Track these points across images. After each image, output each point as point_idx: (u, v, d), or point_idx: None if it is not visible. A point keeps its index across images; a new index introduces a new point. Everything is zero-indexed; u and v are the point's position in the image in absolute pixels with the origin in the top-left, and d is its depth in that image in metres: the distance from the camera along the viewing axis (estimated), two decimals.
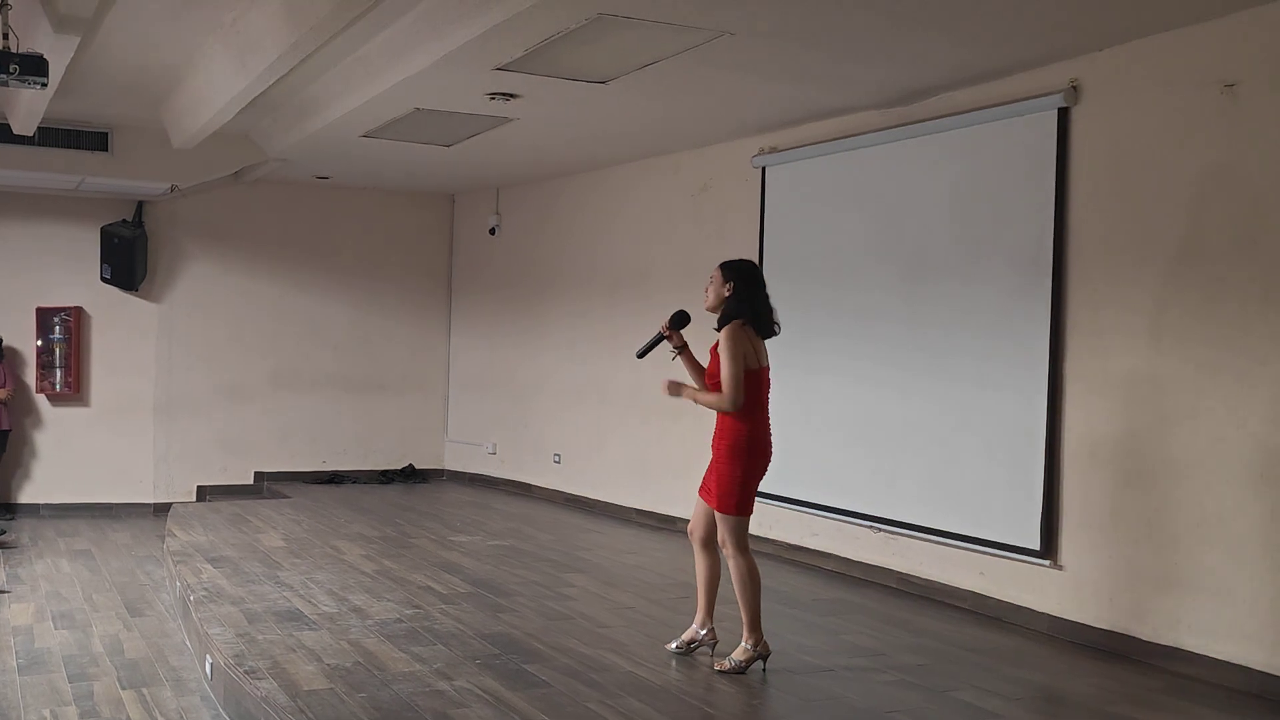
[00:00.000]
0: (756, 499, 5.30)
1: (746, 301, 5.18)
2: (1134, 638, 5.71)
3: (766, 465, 5.33)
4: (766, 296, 5.26)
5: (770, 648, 5.32)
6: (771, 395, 5.27)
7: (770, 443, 5.33)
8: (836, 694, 5.00)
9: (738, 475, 5.19)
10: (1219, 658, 5.32)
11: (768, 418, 5.31)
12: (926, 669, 5.43)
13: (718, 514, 5.30)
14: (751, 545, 4.97)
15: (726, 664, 5.23)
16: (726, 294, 5.22)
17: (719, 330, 5.21)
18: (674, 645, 5.56)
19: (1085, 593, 5.99)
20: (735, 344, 5.07)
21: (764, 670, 5.28)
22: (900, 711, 4.80)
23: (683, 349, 5.47)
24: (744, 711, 4.77)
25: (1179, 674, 5.42)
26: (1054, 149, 6.17)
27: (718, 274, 5.27)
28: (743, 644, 5.25)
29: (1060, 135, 6.15)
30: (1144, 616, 5.69)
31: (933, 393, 6.92)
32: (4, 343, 10.59)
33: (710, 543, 5.44)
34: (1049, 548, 6.16)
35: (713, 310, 5.28)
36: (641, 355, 5.55)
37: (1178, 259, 5.57)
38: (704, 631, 5.49)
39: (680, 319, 5.46)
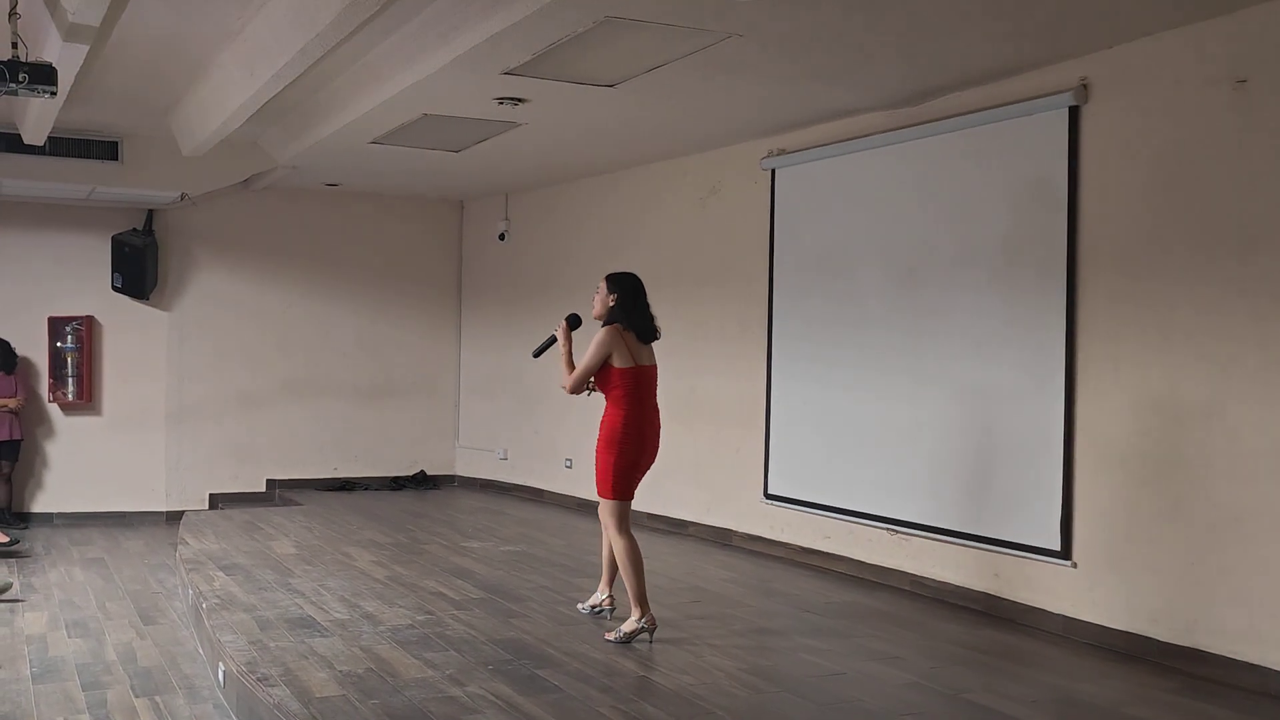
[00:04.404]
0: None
1: (626, 310, 5.82)
2: (1150, 638, 5.68)
3: (650, 456, 5.88)
4: (647, 305, 5.89)
5: (657, 621, 5.81)
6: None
7: (654, 435, 5.88)
8: (849, 697, 4.97)
9: (612, 463, 5.74)
10: (1236, 658, 5.28)
11: (653, 413, 5.88)
12: (939, 671, 5.40)
13: (599, 499, 5.86)
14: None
15: (613, 635, 5.76)
16: (611, 304, 5.86)
17: None
18: (583, 606, 6.29)
19: (1100, 594, 5.96)
20: (601, 344, 5.74)
21: (650, 643, 5.72)
22: (913, 714, 4.78)
23: (571, 345, 6.08)
24: (756, 715, 4.75)
25: (1195, 675, 5.38)
26: (1065, 148, 6.14)
27: (603, 286, 5.91)
28: (631, 618, 5.75)
29: (1071, 134, 6.13)
30: (1159, 617, 5.65)
31: (946, 394, 6.90)
32: (17, 353, 10.62)
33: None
34: (1066, 548, 6.12)
35: (600, 318, 5.92)
36: (537, 355, 6.40)
37: (1190, 256, 5.54)
38: (603, 597, 6.23)
39: (575, 321, 6.14)
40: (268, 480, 11.74)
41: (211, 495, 11.46)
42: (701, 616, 6.38)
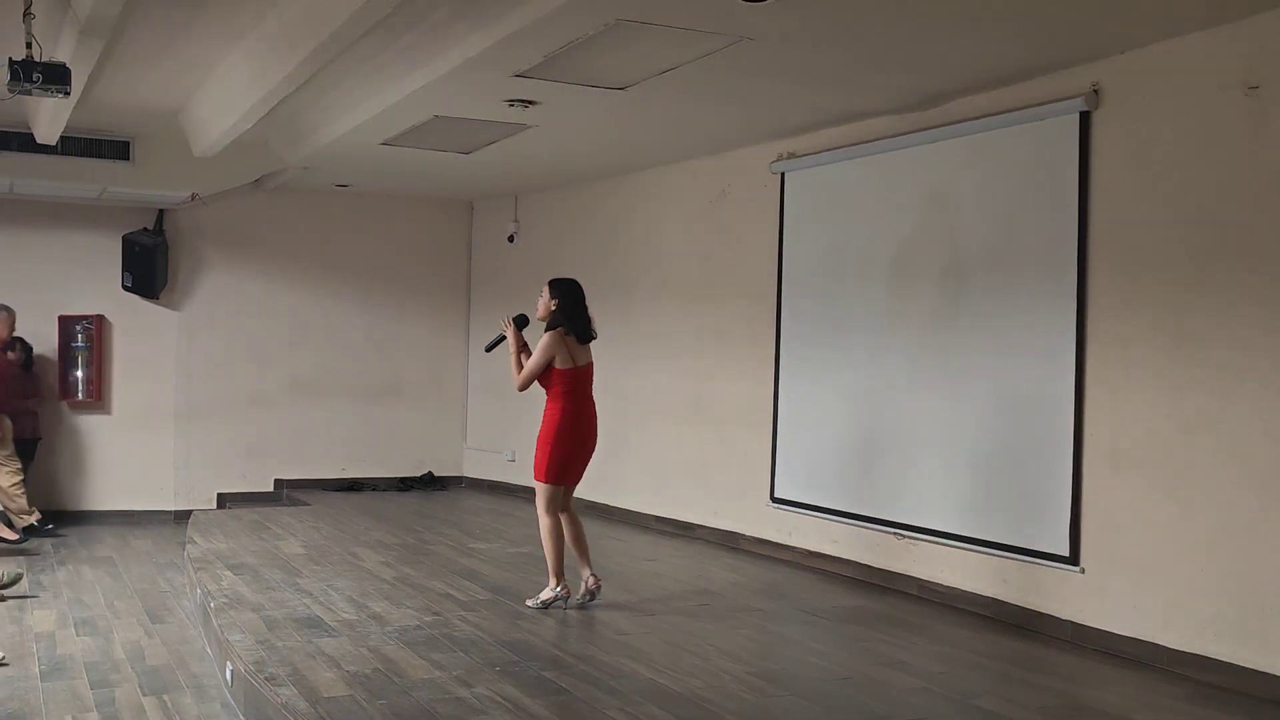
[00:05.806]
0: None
1: (567, 314, 6.34)
2: (1158, 645, 5.66)
3: (588, 447, 6.51)
4: (586, 310, 6.41)
5: (571, 591, 6.44)
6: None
7: (593, 427, 6.50)
8: (858, 702, 4.96)
9: (548, 453, 6.34)
10: (1245, 665, 5.26)
11: (589, 405, 6.48)
12: (948, 676, 5.40)
13: (535, 481, 6.45)
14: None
15: (531, 602, 6.44)
16: (553, 308, 6.36)
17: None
18: (574, 598, 6.47)
19: (1108, 599, 5.94)
20: (546, 348, 6.30)
21: (565, 609, 6.39)
22: (921, 719, 4.77)
23: (520, 344, 6.53)
24: (764, 718, 4.74)
25: (1204, 682, 5.37)
26: (1076, 153, 6.13)
27: (546, 291, 6.42)
28: (548, 587, 6.43)
29: (1082, 139, 6.11)
30: (1168, 623, 5.63)
31: (955, 398, 6.89)
32: (34, 352, 10.64)
33: (565, 510, 6.52)
34: (1074, 553, 6.11)
35: (543, 320, 6.42)
36: (488, 350, 7.00)
37: (1201, 263, 5.53)
38: (586, 579, 6.50)
39: (523, 320, 6.60)
40: (276, 480, 11.76)
41: (219, 495, 11.47)
42: (709, 619, 6.37)
